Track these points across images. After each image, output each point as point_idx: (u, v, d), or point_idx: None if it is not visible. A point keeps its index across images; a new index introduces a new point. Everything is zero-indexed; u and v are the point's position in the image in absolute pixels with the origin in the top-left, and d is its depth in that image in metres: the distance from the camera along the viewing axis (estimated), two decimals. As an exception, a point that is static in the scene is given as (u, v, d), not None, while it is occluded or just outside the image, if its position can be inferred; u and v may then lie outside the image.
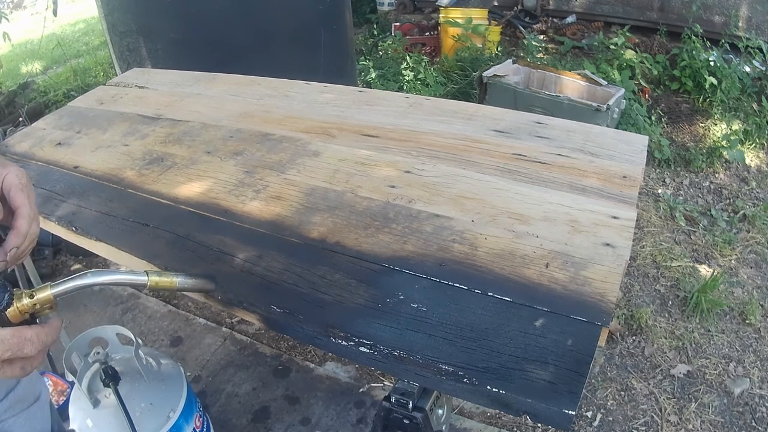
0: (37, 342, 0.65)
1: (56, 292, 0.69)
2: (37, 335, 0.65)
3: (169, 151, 1.45)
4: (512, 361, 0.82)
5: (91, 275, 0.70)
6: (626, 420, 2.11)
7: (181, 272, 0.77)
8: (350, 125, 1.49)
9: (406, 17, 6.16)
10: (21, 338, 0.64)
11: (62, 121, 1.71)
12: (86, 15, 8.98)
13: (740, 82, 4.10)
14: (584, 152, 1.29)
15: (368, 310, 0.93)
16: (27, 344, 0.64)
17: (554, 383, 0.78)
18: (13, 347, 0.63)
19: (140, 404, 1.51)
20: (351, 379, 2.26)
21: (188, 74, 1.93)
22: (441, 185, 1.21)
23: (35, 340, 0.65)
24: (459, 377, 0.81)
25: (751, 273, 2.82)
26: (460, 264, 1.00)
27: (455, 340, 0.86)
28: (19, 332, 0.64)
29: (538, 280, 0.95)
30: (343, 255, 1.05)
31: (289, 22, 2.72)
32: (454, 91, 4.38)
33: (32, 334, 0.65)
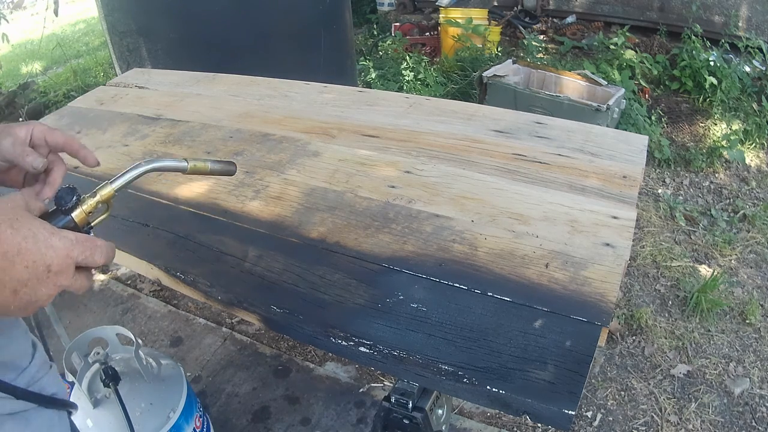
0: (105, 250, 0.67)
1: (116, 186, 0.73)
2: (105, 244, 0.68)
3: (169, 152, 1.45)
4: (512, 361, 0.82)
5: (144, 164, 0.75)
6: (626, 420, 2.11)
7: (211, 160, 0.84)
8: (350, 125, 1.49)
9: (406, 17, 6.16)
10: (93, 243, 0.66)
11: (62, 121, 1.71)
12: (86, 15, 8.98)
13: (740, 82, 4.10)
14: (584, 152, 1.29)
15: (368, 310, 0.93)
16: (98, 251, 0.66)
17: (554, 383, 0.78)
18: (87, 251, 0.65)
19: (140, 404, 1.50)
20: (351, 379, 2.26)
21: (188, 74, 1.93)
22: (441, 185, 1.21)
23: (104, 249, 0.67)
24: (459, 377, 0.81)
25: (751, 273, 2.82)
26: (460, 264, 1.00)
27: (455, 340, 0.86)
28: (91, 238, 0.67)
29: (538, 280, 0.95)
30: (343, 255, 1.05)
31: (289, 23, 2.72)
32: (454, 91, 4.38)
33: (102, 243, 0.67)
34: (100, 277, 2.93)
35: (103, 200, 0.72)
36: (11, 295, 0.61)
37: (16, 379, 0.76)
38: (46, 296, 0.64)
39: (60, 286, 0.64)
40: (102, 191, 0.72)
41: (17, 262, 0.60)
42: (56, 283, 0.64)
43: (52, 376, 0.85)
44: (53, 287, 0.64)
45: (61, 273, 0.64)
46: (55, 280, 0.63)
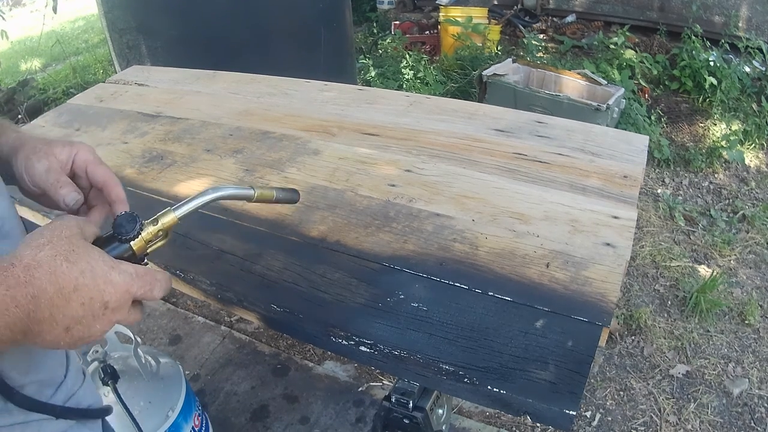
0: (164, 284, 0.63)
1: (180, 214, 0.68)
2: (164, 277, 0.64)
3: (169, 149, 1.44)
4: (513, 361, 0.82)
5: (211, 192, 0.70)
6: (625, 420, 2.11)
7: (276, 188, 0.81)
8: (350, 123, 1.48)
9: (405, 16, 6.15)
10: (153, 277, 0.62)
11: (61, 118, 1.70)
12: (86, 12, 8.96)
13: (740, 82, 4.10)
14: (585, 152, 1.29)
15: (368, 309, 0.93)
16: (157, 285, 0.62)
17: (555, 383, 0.78)
18: (146, 285, 0.61)
19: (139, 403, 1.50)
20: (350, 378, 2.26)
21: (188, 72, 1.93)
22: (441, 184, 1.21)
23: (163, 283, 0.63)
24: (459, 377, 0.81)
25: (750, 273, 2.82)
26: (461, 263, 0.99)
27: (456, 339, 0.86)
28: (151, 271, 0.62)
29: (539, 279, 0.95)
30: (343, 254, 1.04)
31: (289, 21, 2.71)
32: (454, 89, 4.38)
33: (161, 277, 0.63)
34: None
35: (165, 228, 0.67)
36: (63, 332, 0.57)
37: (53, 395, 0.73)
38: (100, 332, 0.59)
39: (115, 321, 0.60)
40: (164, 219, 0.67)
41: (73, 299, 0.56)
42: (111, 319, 0.60)
43: (87, 385, 0.82)
44: (108, 323, 0.60)
45: (118, 309, 0.60)
46: (111, 316, 0.59)
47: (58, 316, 0.55)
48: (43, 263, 0.55)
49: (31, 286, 0.53)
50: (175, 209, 0.68)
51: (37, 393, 0.70)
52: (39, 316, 0.54)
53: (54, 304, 0.55)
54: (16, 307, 0.53)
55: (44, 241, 0.56)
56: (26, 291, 0.53)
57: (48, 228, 0.58)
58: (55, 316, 0.55)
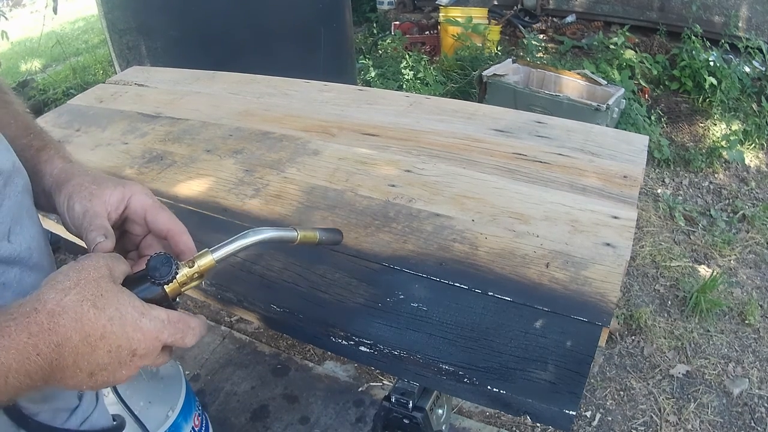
0: (197, 332, 0.60)
1: (218, 257, 0.63)
2: (198, 324, 0.60)
3: (169, 150, 1.44)
4: (513, 361, 0.82)
5: (252, 234, 0.66)
6: (625, 420, 2.11)
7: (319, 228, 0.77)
8: (350, 124, 1.48)
9: (405, 16, 6.15)
10: (186, 325, 0.59)
11: (61, 119, 1.70)
12: (86, 13, 8.97)
13: (740, 82, 4.10)
14: (584, 152, 1.29)
15: (368, 309, 0.93)
16: (189, 333, 0.59)
17: (555, 383, 0.78)
18: (178, 333, 0.58)
19: (139, 403, 1.50)
20: (350, 378, 2.26)
21: (188, 72, 1.93)
22: (441, 184, 1.21)
23: (196, 331, 0.60)
24: (459, 377, 0.81)
25: (751, 273, 2.82)
26: (461, 263, 0.99)
27: (456, 339, 0.86)
28: (184, 318, 0.59)
29: (539, 279, 0.95)
30: (343, 254, 1.04)
31: (289, 21, 2.71)
32: (454, 90, 4.38)
33: (196, 324, 0.60)
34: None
35: (201, 271, 0.63)
36: (87, 377, 0.53)
37: (68, 420, 0.71)
38: (125, 377, 0.56)
39: (142, 366, 0.57)
40: (200, 261, 0.63)
41: (99, 347, 0.52)
42: (138, 365, 0.56)
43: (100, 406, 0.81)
44: (134, 369, 0.56)
45: (147, 356, 0.56)
46: (138, 362, 0.56)
47: (82, 364, 0.52)
48: (69, 309, 0.51)
49: (55, 334, 0.50)
50: (213, 251, 0.64)
51: (51, 419, 0.68)
52: (62, 363, 0.51)
53: (79, 352, 0.52)
54: (38, 355, 0.49)
55: (70, 284, 0.52)
56: (50, 339, 0.50)
57: (74, 269, 0.55)
58: (79, 364, 0.52)
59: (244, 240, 0.66)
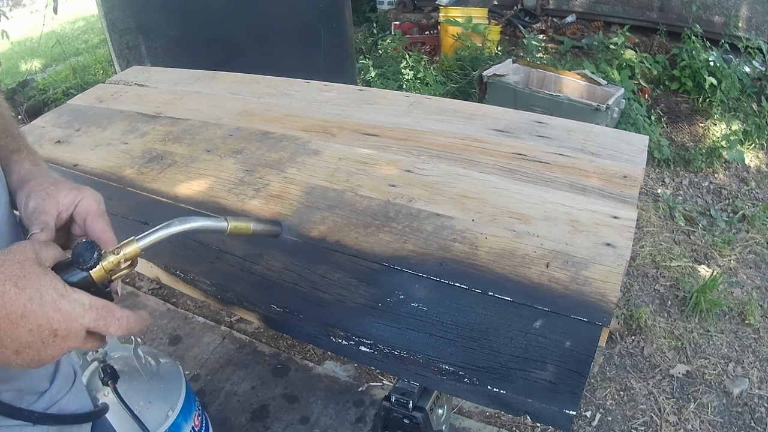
0: (124, 324, 0.61)
1: (143, 245, 0.65)
2: (126, 318, 0.62)
3: (169, 150, 1.44)
4: (513, 361, 0.82)
5: (178, 223, 0.66)
6: (625, 420, 2.11)
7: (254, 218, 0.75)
8: (350, 124, 1.48)
9: (405, 16, 6.15)
10: (110, 313, 0.60)
11: (61, 119, 1.70)
12: (86, 13, 8.97)
13: (740, 82, 4.10)
14: (585, 152, 1.29)
15: (368, 309, 0.93)
16: (114, 322, 0.61)
17: (555, 383, 0.78)
18: (101, 320, 0.60)
19: (139, 403, 1.50)
20: (350, 378, 2.26)
21: (188, 72, 1.93)
22: (441, 184, 1.21)
23: (123, 323, 0.61)
24: (459, 377, 0.81)
25: (751, 273, 2.82)
26: (461, 263, 0.99)
27: (456, 339, 0.86)
28: (110, 306, 0.61)
29: (539, 279, 0.95)
30: (343, 254, 1.04)
31: (289, 21, 2.71)
32: (454, 90, 4.38)
33: (122, 315, 0.61)
34: (99, 275, 2.92)
35: (127, 258, 0.65)
36: (13, 354, 0.56)
37: (34, 402, 0.73)
38: (51, 357, 0.58)
39: (67, 348, 0.59)
40: (126, 249, 0.65)
41: (20, 325, 0.55)
42: (63, 346, 0.58)
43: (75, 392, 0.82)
44: (59, 350, 0.58)
45: (69, 338, 0.58)
46: (61, 344, 0.58)
47: (6, 341, 0.55)
48: None
49: None
50: (139, 240, 0.65)
51: (15, 399, 0.70)
52: None
53: (1, 328, 0.54)
54: None
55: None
56: None
57: (3, 252, 0.57)
58: (2, 339, 0.55)
59: (170, 229, 0.66)
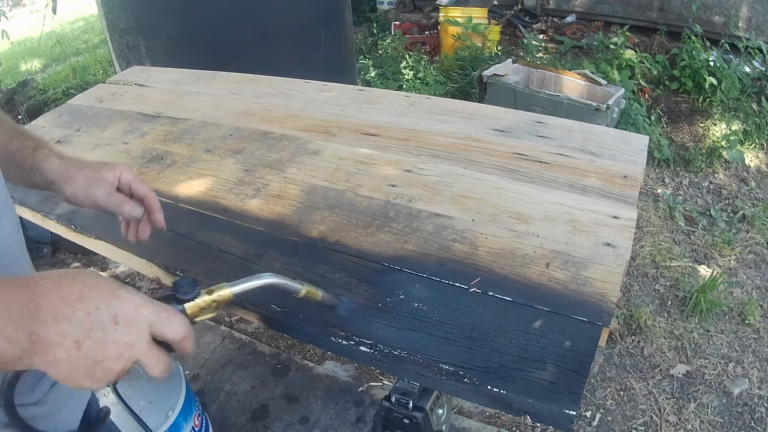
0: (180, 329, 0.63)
1: (236, 291, 0.70)
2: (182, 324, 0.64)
3: (169, 150, 1.44)
4: (513, 361, 0.82)
5: (267, 276, 0.74)
6: (625, 420, 2.11)
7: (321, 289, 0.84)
8: (350, 124, 1.48)
9: (405, 16, 6.15)
10: (169, 313, 0.63)
11: (61, 119, 1.70)
12: (86, 13, 8.97)
13: (740, 82, 4.10)
14: (585, 152, 1.29)
15: (368, 309, 0.93)
16: (171, 322, 0.62)
17: (555, 383, 0.78)
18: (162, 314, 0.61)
19: (139, 403, 1.50)
20: (350, 378, 2.26)
21: (188, 72, 1.93)
22: (441, 184, 1.21)
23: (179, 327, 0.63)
24: (460, 377, 0.81)
25: (751, 273, 2.82)
26: (461, 263, 0.99)
27: (456, 339, 0.86)
28: (168, 308, 0.64)
29: (539, 279, 0.95)
30: (343, 254, 1.04)
31: (289, 21, 2.72)
32: (454, 90, 4.38)
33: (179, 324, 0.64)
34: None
35: (219, 300, 0.69)
36: (74, 347, 0.55)
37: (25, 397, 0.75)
38: (115, 356, 0.57)
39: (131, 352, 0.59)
40: (221, 291, 0.69)
41: (78, 308, 0.55)
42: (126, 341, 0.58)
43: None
44: (123, 347, 0.58)
45: (130, 327, 0.58)
46: (124, 336, 0.58)
47: (63, 324, 0.54)
48: (49, 277, 0.56)
49: (33, 289, 0.54)
50: (233, 285, 0.70)
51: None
52: (41, 317, 0.54)
53: (57, 309, 0.54)
54: (17, 302, 0.53)
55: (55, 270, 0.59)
56: (29, 292, 0.54)
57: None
58: (60, 324, 0.54)
59: (260, 280, 0.73)
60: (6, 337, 0.52)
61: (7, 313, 0.52)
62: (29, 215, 1.28)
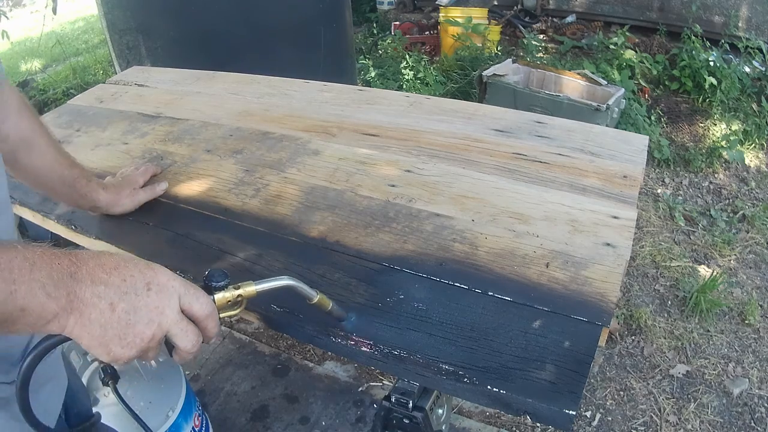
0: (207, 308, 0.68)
1: (259, 288, 0.74)
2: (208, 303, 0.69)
3: (169, 150, 1.44)
4: (513, 361, 0.82)
5: (287, 278, 0.78)
6: (625, 420, 2.11)
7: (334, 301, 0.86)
8: (350, 124, 1.48)
9: (405, 16, 6.15)
10: (198, 293, 0.68)
11: (61, 119, 1.70)
12: (86, 13, 8.97)
13: (740, 82, 4.10)
14: (584, 152, 1.29)
15: (368, 309, 0.93)
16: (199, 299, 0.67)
17: (555, 383, 0.78)
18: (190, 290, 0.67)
19: (139, 403, 1.50)
20: (350, 378, 2.26)
21: (188, 72, 1.93)
22: (441, 184, 1.21)
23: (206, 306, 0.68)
24: (459, 377, 0.81)
25: (751, 273, 2.82)
26: (461, 263, 0.99)
27: (456, 339, 0.86)
28: (195, 286, 0.69)
29: (539, 279, 0.95)
30: (343, 254, 1.04)
31: (289, 21, 2.71)
32: (454, 90, 4.38)
33: (206, 301, 0.69)
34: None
35: (244, 296, 0.74)
36: (108, 308, 0.59)
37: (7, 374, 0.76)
38: (146, 320, 0.62)
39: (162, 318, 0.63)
40: (246, 287, 0.74)
41: (114, 275, 0.61)
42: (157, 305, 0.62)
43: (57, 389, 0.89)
44: (154, 312, 0.62)
45: (162, 294, 0.63)
46: (156, 301, 0.62)
47: (99, 287, 0.59)
48: (87, 252, 0.63)
49: (74, 257, 0.60)
50: (257, 283, 0.75)
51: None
52: (79, 276, 0.59)
53: (95, 274, 0.60)
54: (59, 263, 0.58)
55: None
56: (69, 258, 0.59)
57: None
58: (97, 286, 0.59)
59: (280, 281, 0.78)
60: (47, 293, 0.56)
61: (48, 272, 0.57)
62: (29, 215, 1.28)
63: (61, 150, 1.10)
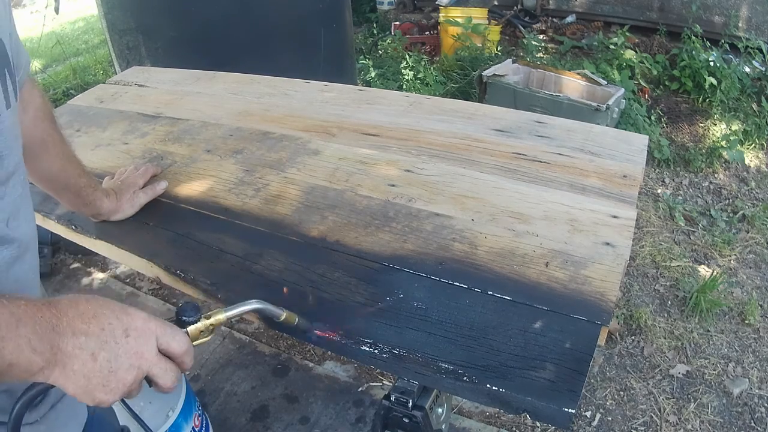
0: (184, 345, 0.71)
1: (229, 315, 0.78)
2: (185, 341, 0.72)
3: (169, 150, 1.44)
4: (512, 360, 0.82)
5: (256, 303, 0.81)
6: (625, 420, 2.12)
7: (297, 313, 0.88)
8: (350, 124, 1.49)
9: (405, 16, 6.15)
10: (173, 329, 0.70)
11: (61, 119, 1.70)
12: (86, 13, 8.96)
13: (740, 82, 4.10)
14: (584, 152, 1.29)
15: (368, 308, 0.93)
16: (176, 338, 0.70)
17: (554, 382, 0.78)
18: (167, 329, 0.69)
19: (139, 403, 1.50)
20: (350, 378, 2.26)
21: (188, 73, 1.93)
22: (441, 184, 1.21)
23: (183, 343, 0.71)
24: (459, 375, 0.81)
25: (751, 273, 2.82)
26: (460, 263, 0.99)
27: (455, 338, 0.86)
28: (171, 325, 0.71)
29: (538, 279, 0.95)
30: (343, 254, 1.05)
31: (289, 21, 2.72)
32: (454, 90, 4.38)
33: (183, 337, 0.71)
34: (99, 275, 2.93)
35: (215, 324, 0.77)
36: (90, 359, 0.61)
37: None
38: (127, 365, 0.63)
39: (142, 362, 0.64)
40: (217, 316, 0.77)
41: (93, 324, 0.62)
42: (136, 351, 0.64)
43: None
44: (134, 357, 0.64)
45: (140, 339, 0.65)
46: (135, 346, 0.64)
47: (80, 338, 0.61)
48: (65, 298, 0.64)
49: (54, 308, 0.61)
50: (226, 311, 0.78)
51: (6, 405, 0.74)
52: (62, 331, 0.60)
53: (75, 325, 0.61)
54: (42, 317, 0.59)
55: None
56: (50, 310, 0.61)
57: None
58: (78, 338, 0.60)
59: (249, 306, 0.80)
60: (32, 348, 0.57)
61: (33, 326, 0.58)
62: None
63: (73, 159, 1.10)
